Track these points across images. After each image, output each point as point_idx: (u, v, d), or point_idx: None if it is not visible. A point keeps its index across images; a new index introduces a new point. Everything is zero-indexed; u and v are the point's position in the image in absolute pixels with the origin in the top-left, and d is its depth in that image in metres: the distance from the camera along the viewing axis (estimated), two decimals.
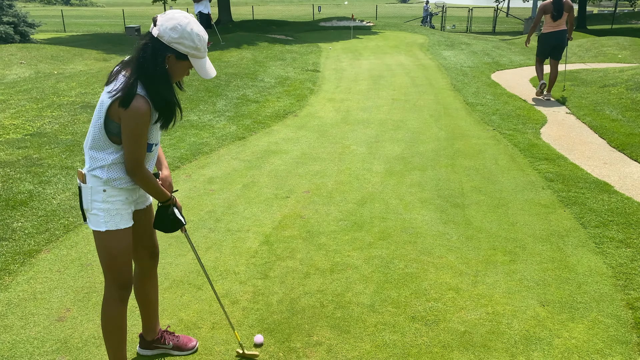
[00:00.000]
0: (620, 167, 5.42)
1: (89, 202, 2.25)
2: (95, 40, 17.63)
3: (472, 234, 3.99)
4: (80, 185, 2.26)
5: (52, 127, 6.41)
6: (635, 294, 3.17)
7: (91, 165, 2.20)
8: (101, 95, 2.17)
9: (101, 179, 2.21)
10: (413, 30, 20.79)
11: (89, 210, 2.27)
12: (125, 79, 2.11)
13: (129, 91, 2.07)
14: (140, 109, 2.08)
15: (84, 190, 2.25)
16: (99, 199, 2.24)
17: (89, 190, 2.23)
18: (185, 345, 2.72)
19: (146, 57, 2.09)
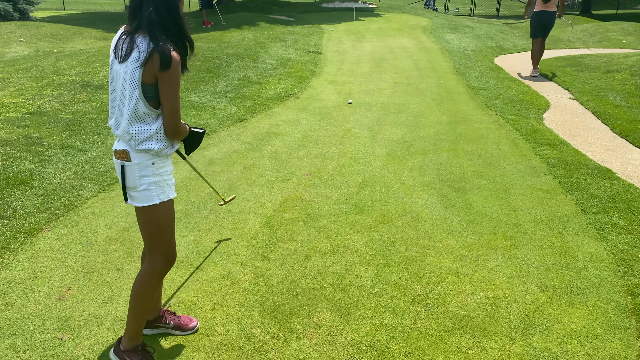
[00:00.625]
0: (622, 154, 5.39)
1: (136, 178, 2.25)
2: (95, 19, 17.45)
3: (473, 218, 3.99)
4: (124, 164, 2.24)
5: (52, 106, 6.37)
6: (635, 280, 3.17)
7: (138, 140, 2.19)
8: (119, 68, 2.16)
9: (152, 151, 2.22)
10: (416, 13, 20.57)
11: (137, 187, 2.27)
12: (150, 41, 2.09)
13: (163, 50, 2.08)
14: (176, 57, 2.12)
15: (129, 169, 2.24)
16: (149, 172, 2.26)
17: (135, 167, 2.24)
18: (186, 325, 2.73)
19: (162, 14, 2.11)
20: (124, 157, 2.24)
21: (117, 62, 2.18)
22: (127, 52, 2.13)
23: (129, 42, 2.13)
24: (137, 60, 2.10)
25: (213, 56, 9.73)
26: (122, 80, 2.16)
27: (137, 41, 2.11)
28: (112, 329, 2.74)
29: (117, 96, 2.23)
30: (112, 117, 2.30)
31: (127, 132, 2.20)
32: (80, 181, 4.49)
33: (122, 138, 2.24)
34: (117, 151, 2.26)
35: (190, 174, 4.76)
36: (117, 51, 2.17)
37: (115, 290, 3.06)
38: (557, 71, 9.55)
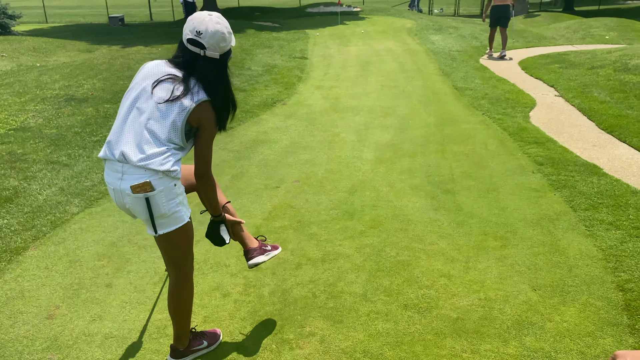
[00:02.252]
0: (609, 149, 5.43)
1: (164, 205, 2.23)
2: (79, 31, 17.34)
3: (463, 219, 3.99)
4: (148, 195, 2.18)
5: (35, 121, 6.30)
6: (625, 275, 3.19)
7: (164, 160, 2.17)
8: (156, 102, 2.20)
9: (174, 172, 2.21)
10: (401, 15, 20.67)
11: (166, 214, 2.25)
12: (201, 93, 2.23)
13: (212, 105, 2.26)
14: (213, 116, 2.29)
15: (155, 198, 2.20)
16: (173, 195, 2.26)
17: (162, 194, 2.21)
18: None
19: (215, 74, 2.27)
20: (147, 189, 2.17)
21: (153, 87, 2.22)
22: (178, 95, 2.19)
23: (181, 85, 2.21)
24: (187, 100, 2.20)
25: None
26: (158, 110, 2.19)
27: (188, 88, 2.21)
28: (102, 346, 2.70)
29: (141, 123, 2.20)
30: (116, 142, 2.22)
31: (156, 157, 2.16)
32: (67, 197, 4.44)
33: (140, 162, 2.15)
34: (135, 186, 2.16)
35: None
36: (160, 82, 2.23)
37: (104, 306, 3.02)
38: (542, 69, 9.63)
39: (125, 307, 3.02)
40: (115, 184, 2.24)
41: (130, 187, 2.18)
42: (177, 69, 2.26)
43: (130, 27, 20.82)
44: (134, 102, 2.24)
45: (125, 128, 2.22)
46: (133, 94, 2.26)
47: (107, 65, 9.51)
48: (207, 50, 2.23)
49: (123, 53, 11.70)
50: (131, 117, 2.23)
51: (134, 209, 2.26)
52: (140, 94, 2.24)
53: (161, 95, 2.20)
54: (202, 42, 2.22)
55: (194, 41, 2.22)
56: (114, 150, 2.21)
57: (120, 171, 2.21)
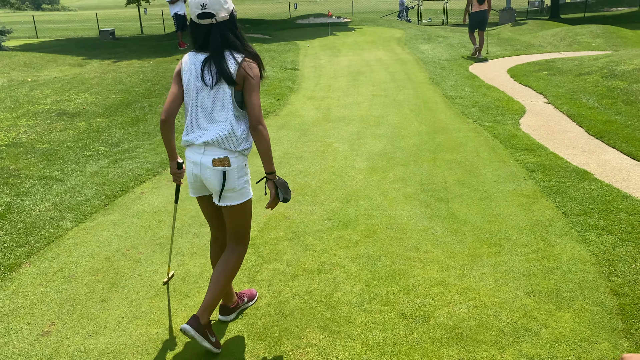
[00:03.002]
0: (599, 155, 5.50)
1: (236, 180, 2.60)
2: (69, 46, 17.33)
3: (457, 227, 4.02)
4: (226, 169, 2.55)
5: (27, 136, 6.28)
6: (618, 280, 3.22)
7: (237, 142, 2.54)
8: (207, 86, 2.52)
9: (246, 150, 2.61)
10: (390, 25, 20.85)
11: (236, 188, 2.60)
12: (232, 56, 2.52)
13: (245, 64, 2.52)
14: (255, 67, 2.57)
15: (231, 173, 2.57)
16: (243, 172, 2.63)
17: (235, 170, 2.58)
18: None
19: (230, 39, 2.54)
20: (225, 164, 2.55)
21: (202, 82, 2.53)
22: (217, 72, 2.50)
23: (216, 65, 2.50)
24: (227, 77, 2.49)
25: None
26: (213, 94, 2.53)
27: (221, 63, 2.50)
28: None
29: (204, 109, 2.56)
30: (192, 130, 2.59)
31: (226, 137, 2.52)
32: (60, 212, 4.42)
33: (217, 144, 2.53)
34: (216, 160, 2.54)
35: (172, 197, 4.72)
36: (204, 73, 2.52)
37: (100, 322, 3.00)
38: (531, 76, 9.74)
39: (121, 322, 3.00)
40: (197, 158, 2.59)
41: (211, 161, 2.54)
42: (204, 53, 2.55)
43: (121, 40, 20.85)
44: (195, 95, 2.56)
45: (198, 118, 2.58)
46: (192, 88, 2.57)
47: (98, 79, 9.51)
48: (217, 16, 2.48)
49: (114, 67, 11.71)
50: (199, 108, 2.57)
51: (211, 180, 2.59)
52: (197, 87, 2.55)
53: (209, 81, 2.52)
54: (210, 12, 2.46)
55: (203, 14, 2.47)
56: (195, 137, 2.58)
57: (202, 151, 2.58)
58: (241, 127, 2.58)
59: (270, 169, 2.61)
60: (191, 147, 2.63)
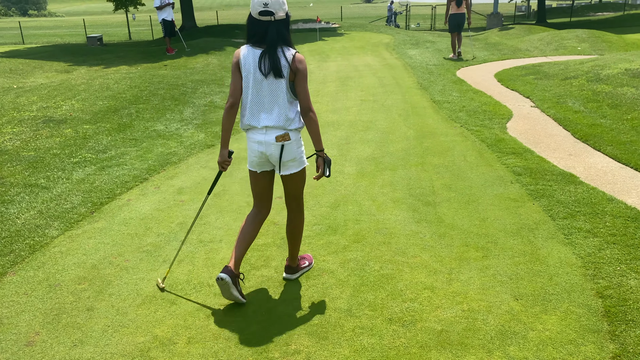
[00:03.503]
0: (584, 158, 5.55)
1: (294, 151, 3.08)
2: (56, 52, 17.20)
3: (445, 231, 4.03)
4: (284, 144, 3.02)
5: (13, 143, 6.22)
6: (604, 282, 3.24)
7: (292, 120, 3.01)
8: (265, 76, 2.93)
9: (300, 128, 3.07)
10: (378, 30, 20.95)
11: (295, 158, 3.09)
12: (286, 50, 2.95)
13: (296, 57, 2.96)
14: (303, 58, 3.02)
15: (289, 146, 3.04)
16: (299, 144, 3.11)
17: (294, 143, 3.06)
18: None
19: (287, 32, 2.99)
20: (286, 138, 3.02)
21: (261, 73, 2.94)
22: (271, 65, 2.92)
23: (271, 58, 2.92)
24: (283, 68, 2.92)
25: (178, 83, 9.69)
26: (270, 84, 2.95)
27: (277, 56, 2.91)
28: None
29: (265, 97, 2.99)
30: (253, 115, 3.02)
31: (285, 118, 2.99)
32: (46, 220, 4.38)
33: (277, 126, 2.99)
34: (278, 136, 3.00)
35: (159, 204, 4.69)
36: (261, 64, 2.93)
37: (86, 331, 2.97)
38: (518, 80, 9.83)
39: (108, 330, 2.97)
40: (261, 138, 3.03)
41: (274, 138, 3.01)
42: (259, 47, 2.96)
43: (108, 46, 20.75)
44: (255, 85, 2.98)
45: (258, 104, 3.00)
46: (250, 78, 2.98)
47: (85, 85, 9.45)
48: (276, 14, 2.90)
49: (102, 73, 11.65)
50: (258, 96, 2.98)
51: (275, 154, 3.05)
52: (255, 78, 2.96)
53: (266, 72, 2.93)
54: (270, 10, 2.88)
55: (264, 12, 2.89)
56: (256, 122, 3.02)
57: (264, 131, 3.02)
58: (293, 111, 3.03)
59: (319, 147, 3.06)
60: (253, 130, 3.06)
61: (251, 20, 2.97)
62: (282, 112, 2.98)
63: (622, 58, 10.00)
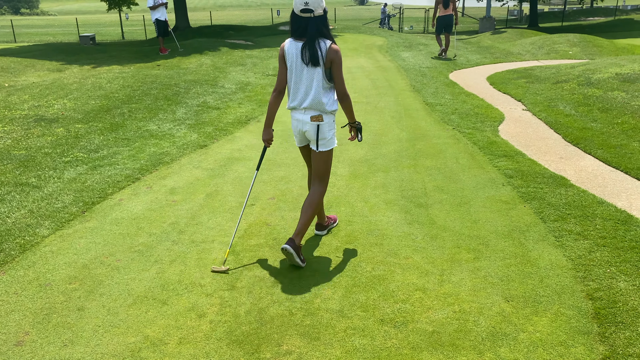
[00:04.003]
0: (575, 161, 5.59)
1: (327, 131, 3.58)
2: (48, 51, 17.08)
3: (437, 233, 4.05)
4: (320, 124, 3.53)
5: (4, 142, 6.17)
6: (594, 284, 3.27)
7: (327, 104, 3.50)
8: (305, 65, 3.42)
9: (334, 111, 3.58)
10: (372, 33, 21.00)
11: (327, 137, 3.59)
12: (323, 42, 3.41)
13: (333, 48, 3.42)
14: (339, 48, 3.47)
15: (323, 126, 3.55)
16: (332, 127, 3.62)
17: (327, 124, 3.57)
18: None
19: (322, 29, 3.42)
20: (319, 119, 3.53)
21: (302, 61, 3.42)
22: (310, 55, 3.39)
23: (310, 49, 3.39)
24: (320, 58, 3.39)
25: (171, 83, 9.66)
26: (309, 71, 3.44)
27: (315, 47, 3.38)
28: None
29: (303, 83, 3.48)
30: (295, 98, 3.53)
31: (319, 102, 3.47)
32: (37, 219, 4.35)
33: (313, 107, 3.50)
34: (313, 117, 3.52)
35: (151, 204, 4.68)
36: (303, 54, 3.41)
37: (76, 331, 2.95)
38: (509, 83, 9.89)
39: (98, 330, 2.96)
40: (300, 117, 3.57)
41: (309, 117, 3.53)
42: (301, 40, 3.43)
43: (101, 46, 20.65)
44: (296, 72, 3.48)
45: (300, 88, 3.51)
46: (293, 67, 3.48)
47: (77, 84, 9.40)
48: (315, 11, 3.36)
49: (94, 72, 11.59)
50: (299, 82, 3.49)
51: (309, 132, 3.58)
52: (297, 66, 3.46)
53: (307, 61, 3.41)
54: (310, 8, 3.35)
55: (305, 9, 3.36)
56: (298, 104, 3.53)
57: (304, 112, 3.55)
58: (328, 95, 3.52)
59: (352, 119, 3.68)
60: (295, 110, 3.60)
61: (294, 16, 3.45)
62: (317, 96, 3.47)
63: (612, 62, 10.09)
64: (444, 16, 13.34)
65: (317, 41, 3.39)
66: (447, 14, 13.28)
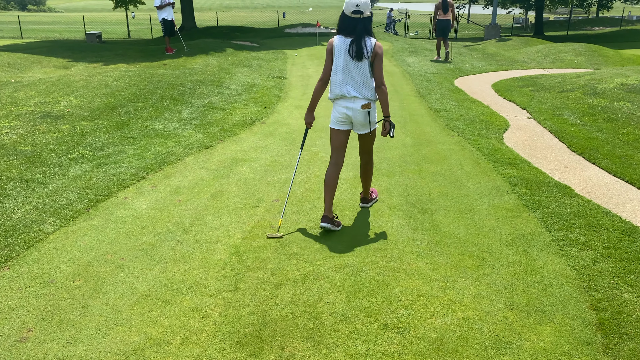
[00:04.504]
0: (580, 171, 5.59)
1: (373, 116, 4.15)
2: (55, 47, 17.14)
3: (441, 239, 4.05)
4: (369, 110, 4.09)
5: (10, 138, 6.19)
6: (598, 295, 3.26)
7: (372, 93, 4.07)
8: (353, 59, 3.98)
9: (375, 100, 4.13)
10: (378, 37, 21.01)
11: (374, 121, 4.18)
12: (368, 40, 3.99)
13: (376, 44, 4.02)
14: (381, 45, 4.08)
15: (372, 111, 4.12)
16: (375, 111, 4.20)
17: (373, 110, 4.15)
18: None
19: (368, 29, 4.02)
20: (368, 107, 4.07)
21: (350, 56, 3.97)
22: (358, 50, 3.95)
23: (357, 45, 3.96)
24: (367, 53, 3.97)
25: (177, 83, 9.68)
26: (356, 65, 3.99)
27: (362, 43, 3.96)
28: None
29: (350, 74, 4.01)
30: (343, 88, 4.04)
31: (365, 91, 4.04)
32: (41, 215, 4.36)
33: (361, 96, 4.03)
34: (363, 105, 4.05)
35: (156, 203, 4.68)
36: (350, 49, 3.97)
37: (79, 328, 2.96)
38: (515, 91, 9.89)
39: (102, 328, 2.96)
40: (349, 105, 4.08)
41: (360, 106, 4.06)
42: (349, 37, 3.99)
43: (107, 44, 20.71)
44: (343, 65, 4.01)
45: (347, 79, 4.03)
46: (340, 60, 4.01)
47: (84, 82, 9.42)
48: (364, 13, 3.95)
49: (101, 70, 11.62)
50: (346, 72, 4.02)
51: (360, 118, 4.10)
52: (344, 59, 4.00)
53: (354, 55, 3.96)
54: (360, 10, 3.93)
55: (356, 11, 3.93)
56: (346, 92, 4.05)
57: (352, 100, 4.06)
58: (371, 86, 4.05)
59: (387, 113, 4.10)
60: (343, 99, 4.08)
61: (344, 17, 4.01)
62: (364, 86, 4.01)
63: (618, 73, 10.09)
64: (442, 20, 13.96)
65: (364, 38, 3.94)
66: (445, 18, 13.90)
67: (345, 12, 3.95)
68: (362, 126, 4.13)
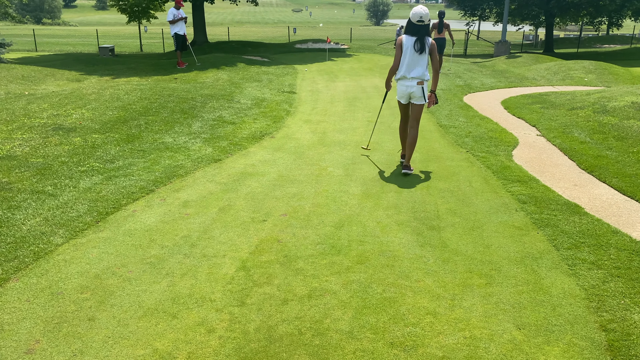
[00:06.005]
0: (589, 189, 5.55)
1: (425, 90, 5.87)
2: (68, 61, 17.40)
3: (449, 256, 4.03)
4: (423, 86, 5.84)
5: (22, 149, 6.27)
6: (607, 315, 3.23)
7: (425, 74, 5.83)
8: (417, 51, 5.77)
9: (428, 80, 5.86)
10: (387, 53, 21.15)
11: (424, 95, 5.88)
12: (427, 39, 5.75)
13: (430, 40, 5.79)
14: (434, 41, 5.83)
15: (423, 87, 5.85)
16: (427, 87, 5.91)
17: (425, 85, 5.86)
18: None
19: (428, 32, 5.78)
20: (422, 83, 5.82)
21: (414, 50, 5.73)
22: (421, 45, 5.71)
23: (421, 42, 5.72)
24: (427, 46, 5.74)
25: (187, 97, 9.78)
26: (420, 54, 5.75)
27: (424, 41, 5.72)
28: None
29: (413, 62, 5.78)
30: (407, 71, 5.83)
31: (423, 73, 5.80)
32: (51, 227, 4.40)
33: (418, 77, 5.80)
34: (419, 82, 5.81)
35: (164, 217, 4.71)
36: (415, 45, 5.72)
37: (86, 341, 2.97)
38: (524, 108, 9.88)
39: (108, 342, 2.97)
40: (409, 83, 5.86)
41: (416, 83, 5.82)
42: (413, 36, 5.74)
43: (120, 57, 20.99)
44: (409, 55, 5.77)
45: (410, 66, 5.79)
46: (408, 52, 5.76)
47: (96, 95, 9.54)
48: (425, 21, 5.67)
49: (113, 83, 11.77)
50: (411, 62, 5.79)
51: (416, 92, 5.87)
52: (410, 51, 5.76)
53: (418, 49, 5.73)
54: (423, 20, 5.67)
55: (420, 21, 5.67)
56: (408, 74, 5.83)
57: (411, 79, 5.84)
58: (426, 70, 5.84)
59: (434, 88, 5.94)
60: (405, 79, 5.89)
61: (411, 23, 5.75)
62: (421, 70, 5.82)
63: (629, 91, 10.06)
64: (437, 39, 14.56)
65: (425, 38, 5.71)
66: (440, 37, 14.67)
67: (412, 20, 5.70)
68: (418, 98, 5.86)
